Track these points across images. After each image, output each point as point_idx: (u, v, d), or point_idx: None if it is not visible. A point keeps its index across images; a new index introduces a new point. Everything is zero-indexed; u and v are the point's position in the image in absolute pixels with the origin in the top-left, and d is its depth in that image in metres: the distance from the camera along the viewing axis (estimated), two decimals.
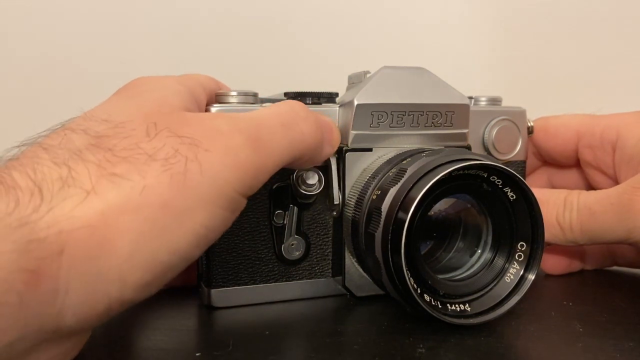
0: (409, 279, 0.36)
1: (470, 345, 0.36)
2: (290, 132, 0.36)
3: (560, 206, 0.46)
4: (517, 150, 0.51)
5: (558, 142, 0.53)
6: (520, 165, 0.52)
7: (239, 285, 0.44)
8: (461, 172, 0.37)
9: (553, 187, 0.56)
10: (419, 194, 0.36)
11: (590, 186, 0.54)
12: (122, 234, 0.27)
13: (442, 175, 0.36)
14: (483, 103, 0.52)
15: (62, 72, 0.68)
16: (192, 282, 0.47)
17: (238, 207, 0.33)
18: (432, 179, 0.36)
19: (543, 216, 0.39)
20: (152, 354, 0.36)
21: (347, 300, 0.46)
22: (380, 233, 0.38)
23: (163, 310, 0.44)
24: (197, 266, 0.46)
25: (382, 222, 0.38)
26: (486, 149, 0.50)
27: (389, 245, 0.37)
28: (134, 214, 0.28)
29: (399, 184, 0.38)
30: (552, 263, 0.53)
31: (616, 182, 0.50)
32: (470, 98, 0.53)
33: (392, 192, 0.38)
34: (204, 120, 0.33)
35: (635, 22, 0.76)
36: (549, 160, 0.57)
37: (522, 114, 0.52)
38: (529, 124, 0.53)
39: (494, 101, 0.52)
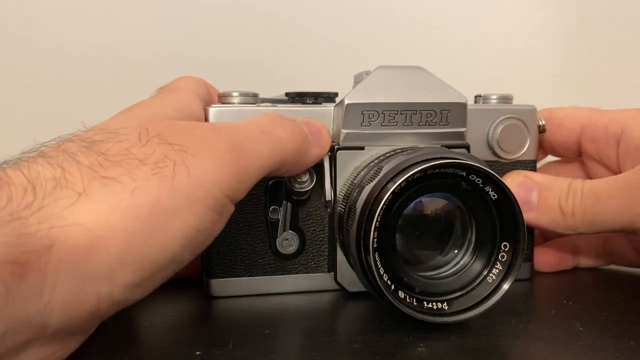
0: (383, 275, 0.37)
1: (471, 343, 0.36)
2: (269, 137, 0.38)
3: (564, 191, 0.45)
4: (524, 150, 0.50)
5: (562, 133, 0.52)
6: (530, 164, 0.51)
7: (236, 276, 0.46)
8: (437, 170, 0.38)
9: None
10: (388, 191, 0.36)
11: None
12: (114, 233, 0.28)
13: (414, 174, 0.37)
14: (493, 101, 0.51)
15: (60, 74, 0.68)
16: (196, 272, 0.49)
17: (226, 210, 0.35)
18: (403, 177, 0.36)
19: (546, 201, 0.39)
20: (152, 352, 0.37)
21: (343, 294, 0.47)
22: (354, 230, 0.38)
23: (163, 309, 0.45)
24: (201, 258, 0.49)
25: (356, 219, 0.38)
26: (491, 148, 0.50)
27: (361, 242, 0.37)
28: (125, 213, 0.29)
29: (374, 182, 0.38)
30: (542, 259, 0.52)
31: None
32: (479, 96, 0.52)
33: (367, 189, 0.39)
34: (192, 130, 0.35)
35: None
36: (550, 153, 0.56)
37: (531, 112, 0.51)
38: (540, 123, 0.51)
39: (504, 99, 0.51)
